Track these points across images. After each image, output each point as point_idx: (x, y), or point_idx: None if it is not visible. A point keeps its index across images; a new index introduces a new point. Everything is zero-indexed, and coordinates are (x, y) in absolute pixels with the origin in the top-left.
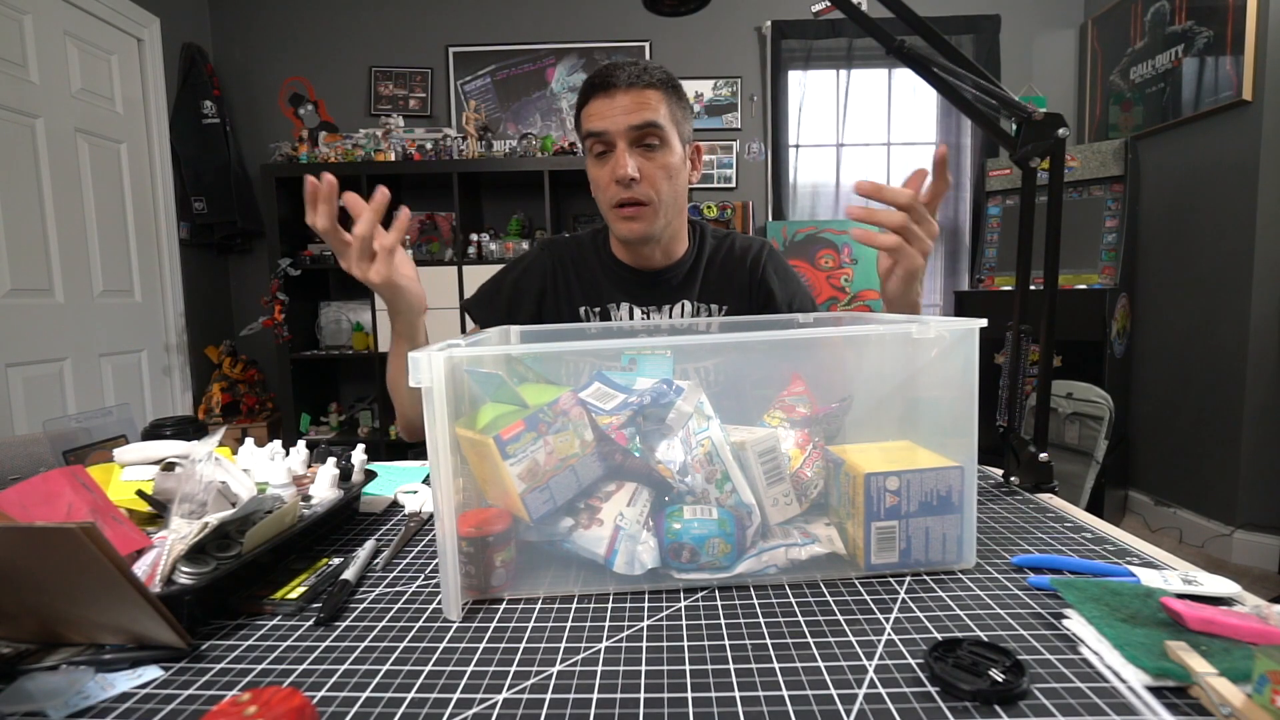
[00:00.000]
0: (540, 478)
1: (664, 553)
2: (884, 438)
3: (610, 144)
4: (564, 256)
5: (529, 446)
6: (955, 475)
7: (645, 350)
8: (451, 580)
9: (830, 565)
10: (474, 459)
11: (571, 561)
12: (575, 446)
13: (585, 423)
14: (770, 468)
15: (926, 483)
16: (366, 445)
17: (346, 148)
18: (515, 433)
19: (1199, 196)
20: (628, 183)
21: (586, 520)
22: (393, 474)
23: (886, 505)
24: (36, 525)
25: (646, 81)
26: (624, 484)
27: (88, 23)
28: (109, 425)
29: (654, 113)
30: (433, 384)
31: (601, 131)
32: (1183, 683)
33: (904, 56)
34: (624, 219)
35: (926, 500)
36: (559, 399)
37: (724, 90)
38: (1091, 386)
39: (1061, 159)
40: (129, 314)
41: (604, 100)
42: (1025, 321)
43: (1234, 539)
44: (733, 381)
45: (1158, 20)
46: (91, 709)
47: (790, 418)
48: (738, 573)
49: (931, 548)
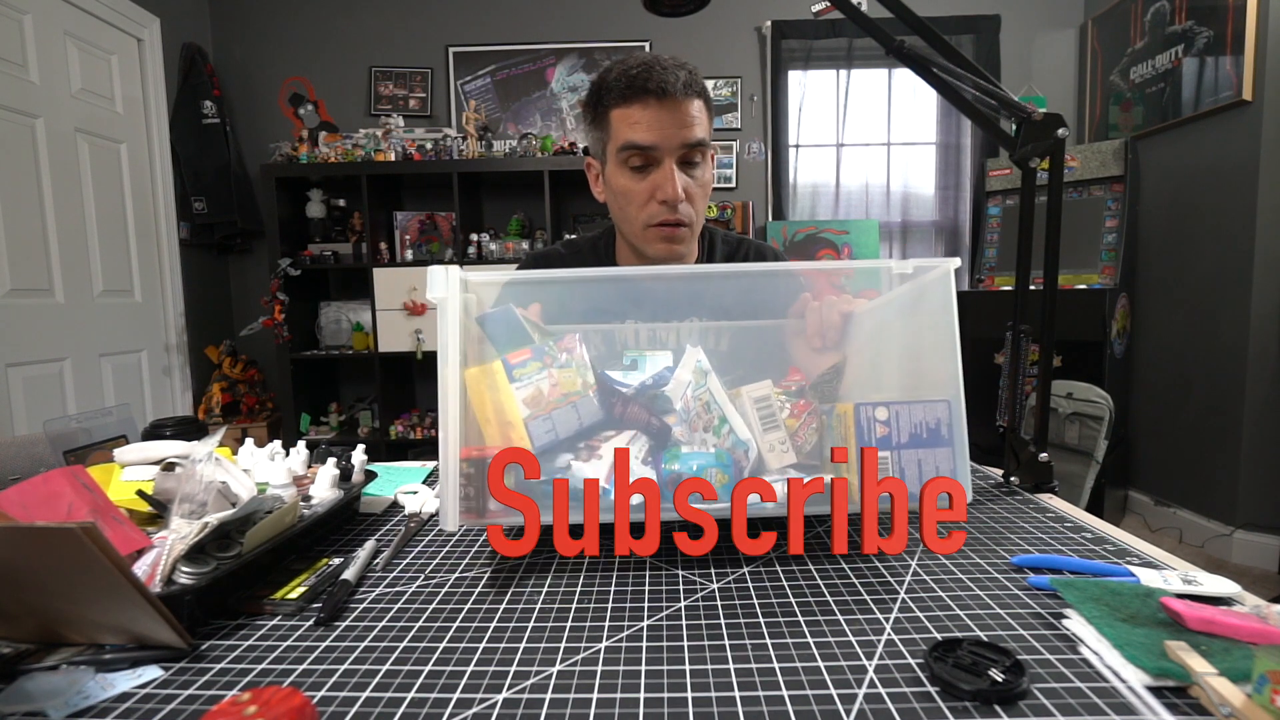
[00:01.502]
0: (543, 407)
1: (663, 484)
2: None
3: (655, 159)
4: (583, 258)
5: (534, 375)
6: (942, 408)
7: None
8: (451, 492)
9: (824, 501)
10: (477, 397)
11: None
12: (578, 385)
13: (587, 365)
14: (765, 414)
15: (915, 414)
16: (366, 445)
17: (346, 148)
18: (522, 359)
19: (1199, 196)
20: (674, 205)
21: (586, 456)
22: (393, 474)
23: (877, 435)
24: (36, 525)
25: (695, 91)
26: (622, 431)
27: (88, 23)
28: (109, 425)
29: (703, 129)
30: (448, 295)
31: (651, 146)
32: (1183, 683)
33: (904, 56)
34: (663, 239)
35: (916, 432)
36: (564, 336)
37: (724, 90)
38: (1091, 386)
39: (1061, 159)
40: (129, 314)
41: (655, 109)
42: (1025, 321)
43: (1234, 539)
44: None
45: (1158, 20)
46: (91, 709)
47: (787, 391)
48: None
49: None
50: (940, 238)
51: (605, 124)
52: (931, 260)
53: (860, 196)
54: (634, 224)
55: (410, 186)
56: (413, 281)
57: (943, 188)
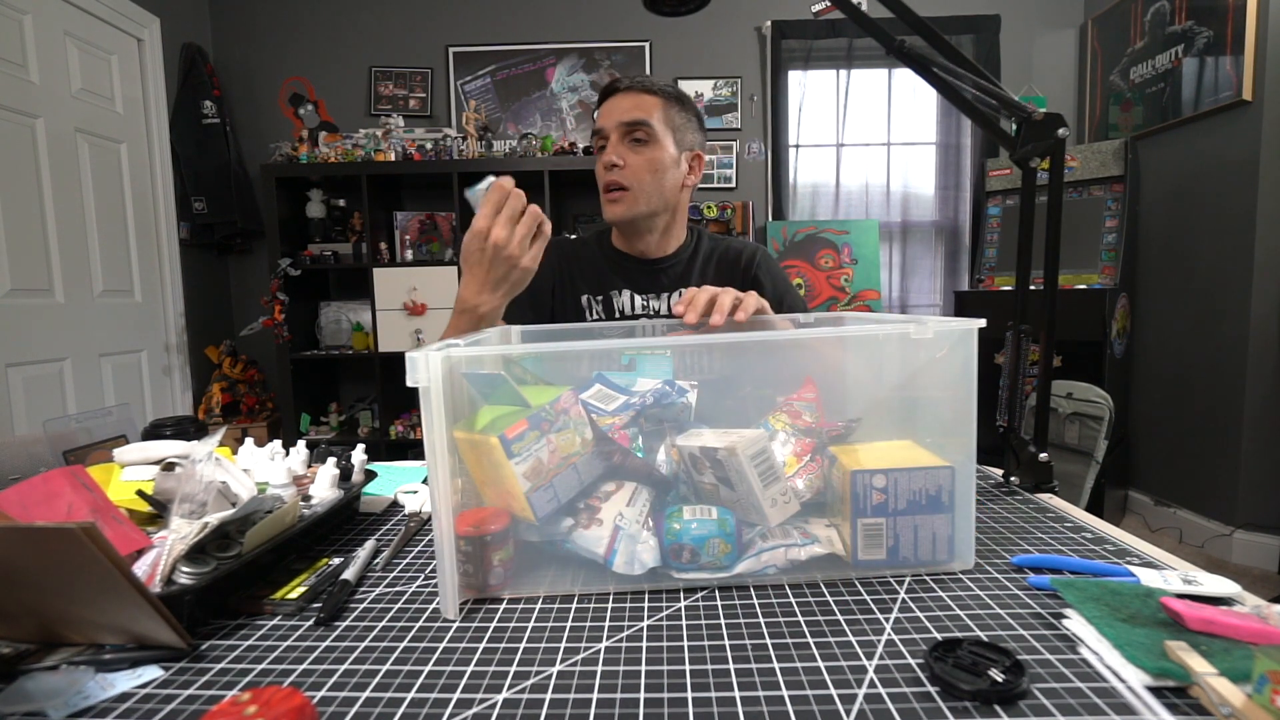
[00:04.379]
0: (544, 476)
1: (664, 553)
2: (887, 437)
3: (607, 138)
4: (567, 253)
5: (533, 445)
6: (945, 475)
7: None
8: (449, 579)
9: (829, 565)
10: (472, 460)
11: (570, 561)
12: (577, 445)
13: (585, 421)
14: (764, 469)
15: (915, 481)
16: (366, 445)
17: (346, 148)
18: (519, 431)
19: (1199, 196)
20: (610, 167)
21: (586, 520)
22: (393, 474)
23: (873, 502)
24: (36, 525)
25: (645, 87)
26: (623, 484)
27: (88, 23)
28: (109, 425)
29: (645, 113)
30: (430, 384)
31: (601, 128)
32: (1183, 683)
33: (904, 56)
34: (608, 201)
35: (915, 499)
36: (560, 397)
37: (724, 90)
38: (1091, 386)
39: (1061, 159)
40: (129, 314)
41: (609, 102)
42: (1025, 321)
43: (1234, 539)
44: (731, 381)
45: (1158, 20)
46: (91, 709)
47: (795, 424)
48: (737, 573)
49: (921, 547)
50: (940, 238)
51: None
52: (953, 321)
53: (860, 196)
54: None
55: (410, 186)
56: (413, 281)
57: (943, 188)
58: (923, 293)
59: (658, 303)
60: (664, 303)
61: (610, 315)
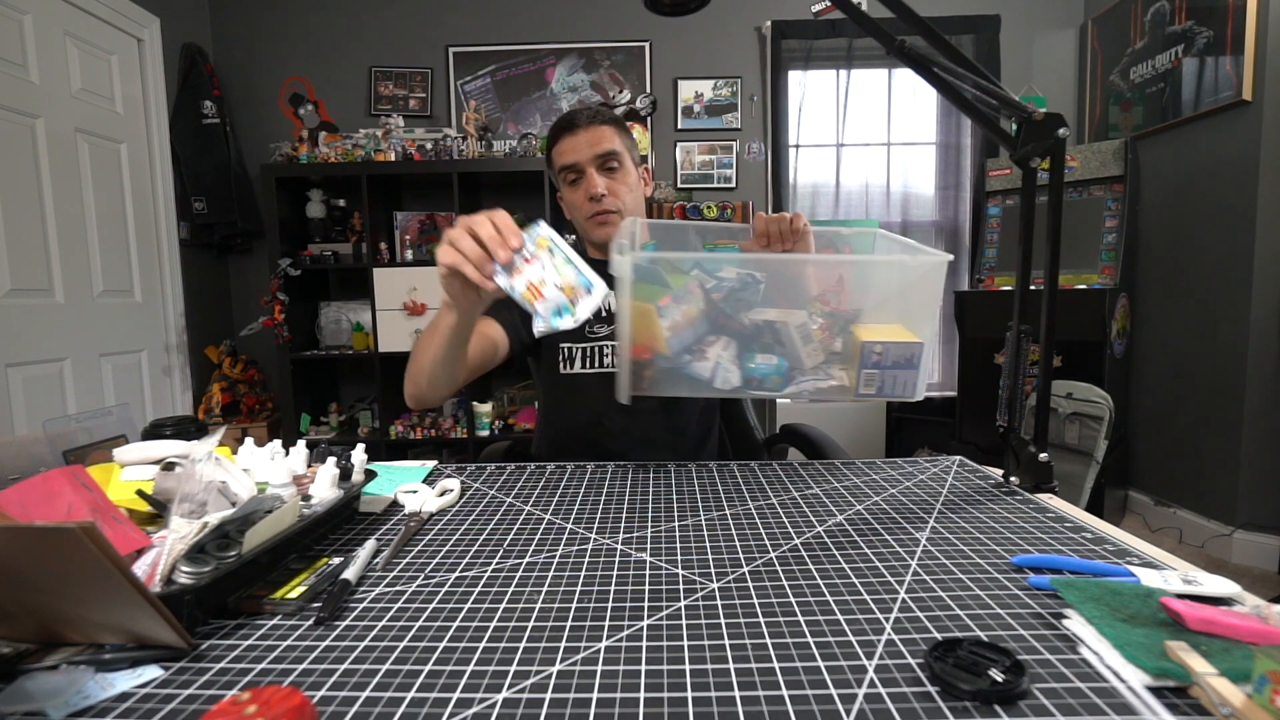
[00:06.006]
0: (677, 329)
1: (743, 379)
2: (884, 322)
3: (581, 171)
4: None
5: (672, 311)
6: (917, 347)
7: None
8: (625, 379)
9: (839, 394)
10: (638, 316)
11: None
12: (694, 312)
13: (701, 297)
14: (803, 335)
15: (898, 350)
16: (366, 445)
17: (346, 148)
18: (666, 303)
19: (1199, 196)
20: (599, 198)
21: (699, 356)
22: (393, 474)
23: (872, 360)
24: (36, 525)
25: (602, 119)
26: (721, 336)
27: (88, 23)
28: (109, 425)
29: (611, 143)
30: (623, 275)
31: (573, 163)
32: (1183, 683)
33: (904, 56)
34: (598, 225)
35: (897, 360)
36: (687, 283)
37: (724, 90)
38: (1091, 386)
39: (1061, 159)
40: (129, 314)
41: (570, 139)
42: (1025, 321)
43: (1234, 539)
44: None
45: (1158, 20)
46: (91, 709)
47: (824, 309)
48: (785, 393)
49: (897, 389)
50: (940, 238)
51: (552, 164)
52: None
53: (860, 196)
54: (580, 221)
55: (410, 186)
56: (413, 281)
57: (943, 188)
58: None
59: None
60: None
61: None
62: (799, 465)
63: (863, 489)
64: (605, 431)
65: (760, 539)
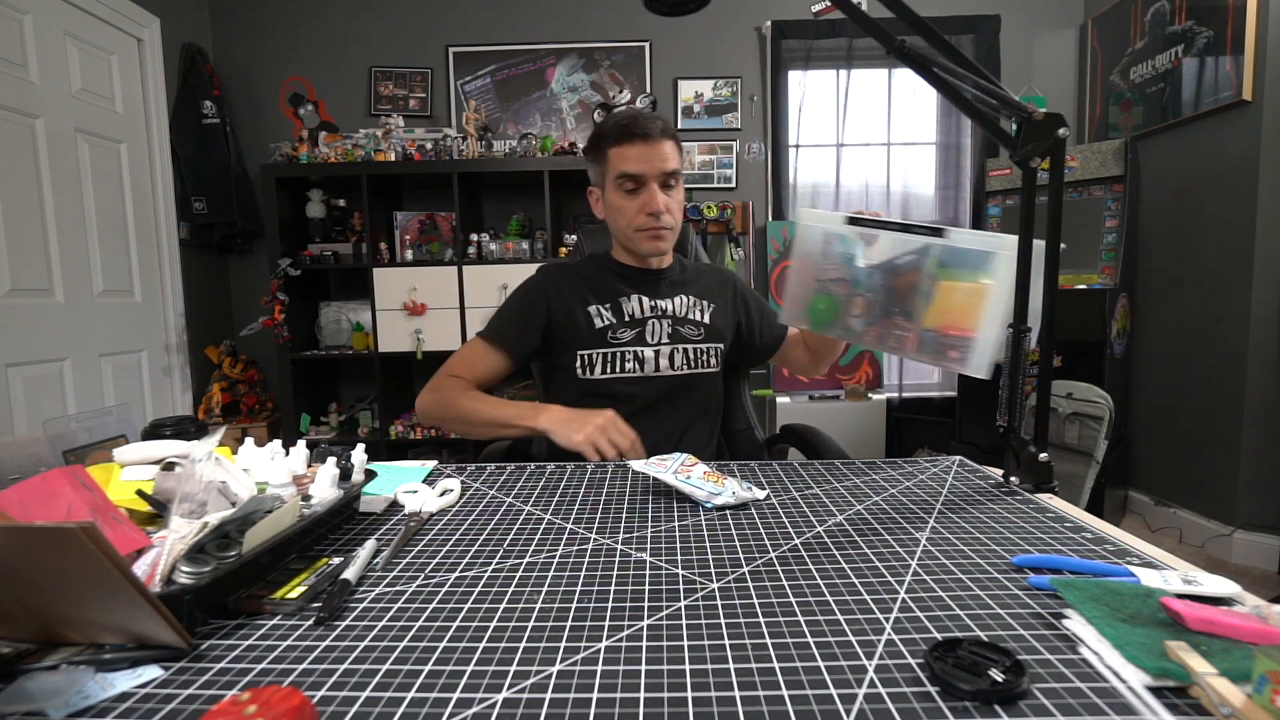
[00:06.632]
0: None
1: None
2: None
3: (641, 182)
4: (565, 271)
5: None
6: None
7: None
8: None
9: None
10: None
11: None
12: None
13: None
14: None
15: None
16: (366, 445)
17: (346, 148)
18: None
19: (1199, 196)
20: (658, 214)
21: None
22: (393, 474)
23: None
24: (36, 525)
25: (670, 134)
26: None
27: (88, 23)
28: (109, 425)
29: (676, 162)
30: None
31: (639, 174)
32: (1183, 683)
33: (904, 56)
34: (651, 239)
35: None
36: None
37: (724, 90)
38: (1091, 386)
39: (1062, 159)
40: (129, 314)
41: (641, 147)
42: (1025, 321)
43: (1234, 539)
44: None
45: (1158, 20)
46: (91, 709)
47: None
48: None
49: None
50: None
51: (604, 160)
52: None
53: (860, 196)
54: (627, 231)
55: (410, 186)
56: (413, 281)
57: (943, 188)
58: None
59: (665, 303)
60: (670, 302)
61: (619, 318)
62: (799, 465)
63: (863, 489)
64: None
65: (760, 539)
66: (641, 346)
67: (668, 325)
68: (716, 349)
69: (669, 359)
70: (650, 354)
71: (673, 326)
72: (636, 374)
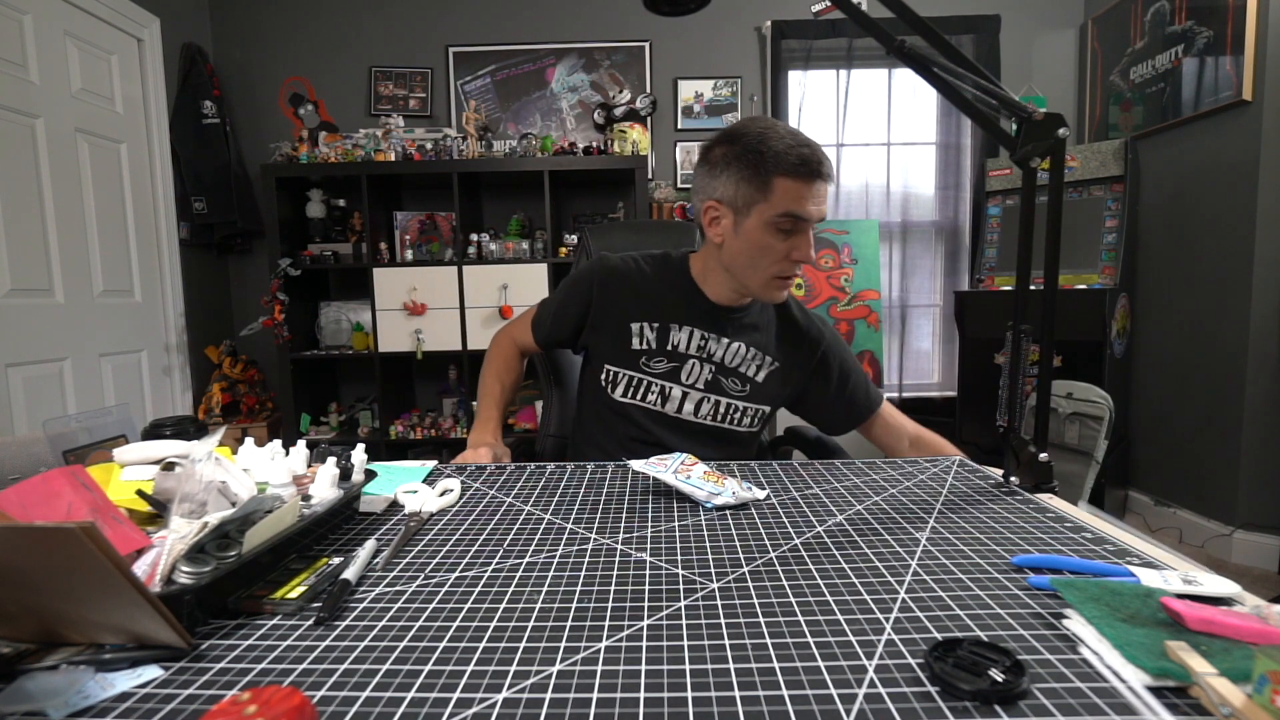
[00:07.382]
0: None
1: None
2: None
3: (801, 228)
4: (620, 275)
5: None
6: None
7: None
8: None
9: None
10: None
11: None
12: None
13: None
14: None
15: None
16: (366, 445)
17: (346, 148)
18: None
19: (1199, 196)
20: (799, 264)
21: None
22: (393, 474)
23: None
24: (36, 525)
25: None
26: None
27: (88, 23)
28: (109, 425)
29: None
30: None
31: (804, 216)
32: (1183, 683)
33: (904, 56)
34: (782, 287)
35: None
36: None
37: (724, 90)
38: (1091, 386)
39: (1062, 159)
40: (129, 314)
41: (818, 186)
42: (1025, 321)
43: (1234, 539)
44: None
45: (1158, 20)
46: (91, 709)
47: None
48: None
49: None
50: (940, 238)
51: (768, 188)
52: None
53: (860, 196)
54: (761, 272)
55: (410, 186)
56: (413, 281)
57: (943, 188)
58: (923, 292)
59: (716, 345)
60: (722, 347)
61: (663, 345)
62: (799, 465)
63: (863, 489)
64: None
65: (760, 539)
66: (672, 383)
67: (709, 372)
68: (759, 411)
69: (695, 406)
70: (678, 394)
71: (714, 375)
72: (657, 409)
